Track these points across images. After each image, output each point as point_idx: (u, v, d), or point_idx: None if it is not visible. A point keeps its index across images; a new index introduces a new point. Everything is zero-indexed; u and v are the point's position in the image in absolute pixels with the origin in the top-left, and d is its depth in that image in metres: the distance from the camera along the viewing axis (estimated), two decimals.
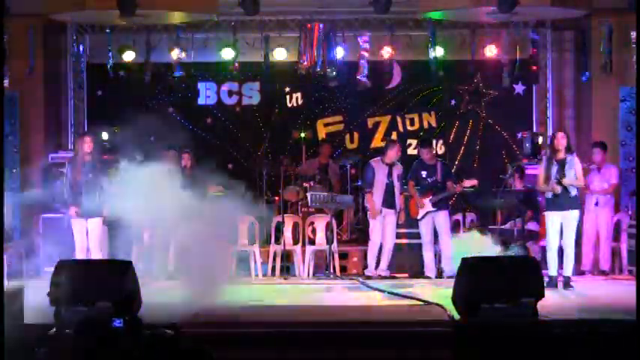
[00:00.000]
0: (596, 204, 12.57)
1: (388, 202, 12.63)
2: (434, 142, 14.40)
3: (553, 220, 11.26)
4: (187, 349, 8.03)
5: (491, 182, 14.15)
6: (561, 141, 11.32)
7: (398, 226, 12.91)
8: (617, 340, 8.08)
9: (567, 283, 11.21)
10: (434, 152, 13.34)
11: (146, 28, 13.97)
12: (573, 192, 11.28)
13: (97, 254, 11.38)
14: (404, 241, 13.00)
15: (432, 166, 12.72)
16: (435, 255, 12.62)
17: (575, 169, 11.26)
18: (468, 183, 12.71)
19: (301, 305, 10.30)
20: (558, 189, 11.18)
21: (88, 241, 11.43)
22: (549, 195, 11.32)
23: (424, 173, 12.70)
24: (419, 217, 12.66)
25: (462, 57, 14.14)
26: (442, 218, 12.59)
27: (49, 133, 14.31)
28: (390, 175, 12.67)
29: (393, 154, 12.70)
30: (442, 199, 12.59)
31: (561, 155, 11.28)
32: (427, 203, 12.59)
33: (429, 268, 12.59)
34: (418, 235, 12.77)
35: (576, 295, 10.85)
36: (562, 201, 11.23)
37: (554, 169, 11.25)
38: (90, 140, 11.57)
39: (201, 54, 14.29)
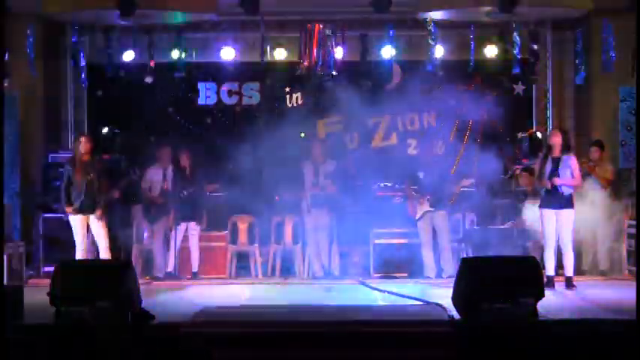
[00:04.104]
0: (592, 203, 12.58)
1: (316, 202, 12.64)
2: (434, 142, 14.42)
3: (548, 217, 11.27)
4: (187, 349, 8.05)
5: (491, 182, 14.16)
6: (554, 139, 11.32)
7: (397, 225, 12.93)
8: (617, 340, 8.08)
9: (570, 283, 11.21)
10: (434, 152, 13.34)
11: (146, 29, 13.95)
12: (567, 191, 11.27)
13: (104, 252, 11.42)
14: (404, 241, 13.01)
15: (432, 165, 12.72)
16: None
17: (571, 169, 11.25)
18: (466, 182, 12.72)
19: (301, 305, 10.31)
20: (549, 184, 11.19)
21: (94, 239, 11.49)
22: (543, 192, 11.33)
23: (422, 173, 12.71)
24: (417, 217, 12.67)
25: (462, 57, 14.13)
26: (440, 218, 12.60)
27: (49, 133, 14.30)
28: (316, 174, 12.70)
29: (315, 152, 12.77)
30: (440, 199, 12.59)
31: (557, 153, 11.28)
32: (425, 203, 12.59)
33: (429, 268, 12.60)
34: (418, 235, 12.79)
35: (576, 295, 10.86)
36: (555, 199, 11.24)
37: (549, 167, 11.26)
38: (86, 140, 11.59)
39: (201, 54, 14.27)
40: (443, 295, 9.74)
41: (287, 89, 15.06)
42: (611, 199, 12.53)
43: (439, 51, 13.79)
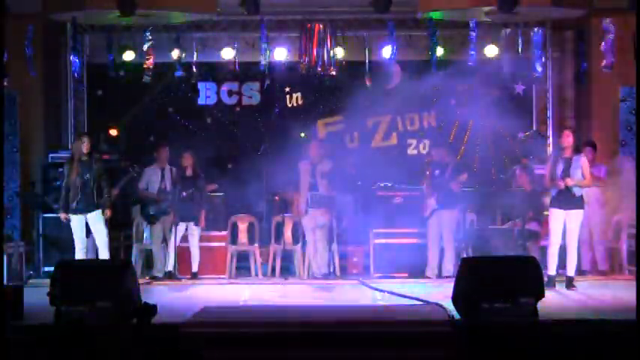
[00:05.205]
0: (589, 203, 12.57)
1: (314, 202, 12.63)
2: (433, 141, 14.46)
3: (556, 217, 11.26)
4: (187, 349, 8.05)
5: (491, 182, 14.17)
6: (566, 139, 11.30)
7: (397, 225, 12.93)
8: (617, 340, 8.08)
9: (570, 283, 11.22)
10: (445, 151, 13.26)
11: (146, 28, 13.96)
12: (578, 192, 11.27)
13: (103, 250, 11.42)
14: (403, 240, 13.01)
15: (445, 164, 12.72)
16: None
17: (582, 169, 11.24)
18: (462, 177, 12.72)
19: (301, 305, 10.31)
20: (562, 184, 11.17)
21: (94, 238, 11.52)
22: (554, 192, 11.32)
23: (437, 172, 12.69)
24: (426, 214, 12.67)
25: (462, 57, 14.13)
26: (446, 217, 12.58)
27: (49, 133, 14.31)
28: (313, 174, 12.71)
29: (312, 152, 12.78)
30: (447, 198, 12.56)
31: (568, 154, 11.27)
32: (433, 202, 12.60)
33: (431, 267, 12.59)
34: (418, 235, 12.81)
35: (576, 295, 10.86)
36: (565, 200, 11.22)
37: (560, 167, 11.25)
38: (88, 140, 11.61)
39: (201, 54, 14.28)
40: (443, 295, 9.74)
41: (287, 89, 15.06)
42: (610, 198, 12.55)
43: (439, 51, 13.79)
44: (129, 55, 14.08)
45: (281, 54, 14.20)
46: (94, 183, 11.46)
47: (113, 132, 14.68)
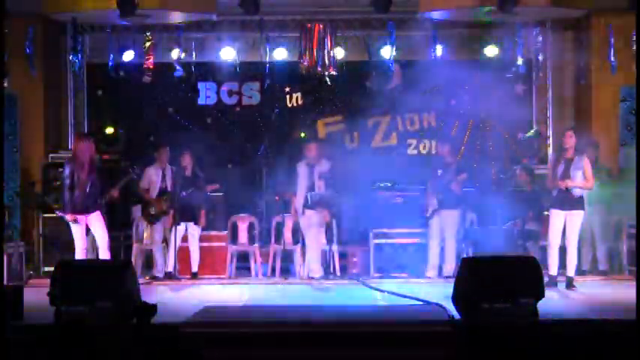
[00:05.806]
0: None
1: (313, 202, 12.61)
2: (434, 141, 14.43)
3: (556, 217, 11.26)
4: (187, 349, 8.05)
5: (491, 182, 14.16)
6: (568, 139, 11.30)
7: (397, 225, 12.93)
8: (617, 340, 8.08)
9: (570, 283, 11.23)
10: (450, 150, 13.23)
11: (146, 28, 13.96)
12: (577, 193, 11.26)
13: (103, 250, 11.41)
14: (403, 240, 13.01)
15: (449, 164, 12.70)
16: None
17: (583, 170, 11.23)
18: (462, 176, 12.71)
19: (301, 305, 10.31)
20: (562, 185, 11.17)
21: (94, 238, 11.51)
22: (554, 192, 11.32)
23: (440, 171, 12.68)
24: (427, 214, 12.67)
25: (462, 57, 14.12)
26: (448, 217, 12.58)
27: (49, 133, 14.30)
28: (311, 175, 12.69)
29: (309, 153, 12.75)
30: (447, 198, 12.55)
31: (570, 154, 11.27)
32: (434, 202, 12.59)
33: (431, 266, 12.58)
34: (418, 235, 12.81)
35: (576, 295, 10.87)
36: (565, 200, 11.23)
37: (561, 167, 11.25)
38: (94, 140, 11.64)
39: (201, 54, 14.27)
40: (443, 295, 9.74)
41: (287, 89, 15.05)
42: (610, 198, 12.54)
43: (439, 51, 13.78)
44: (129, 55, 14.07)
45: (281, 54, 14.19)
46: (97, 183, 11.47)
47: (112, 131, 14.67)
